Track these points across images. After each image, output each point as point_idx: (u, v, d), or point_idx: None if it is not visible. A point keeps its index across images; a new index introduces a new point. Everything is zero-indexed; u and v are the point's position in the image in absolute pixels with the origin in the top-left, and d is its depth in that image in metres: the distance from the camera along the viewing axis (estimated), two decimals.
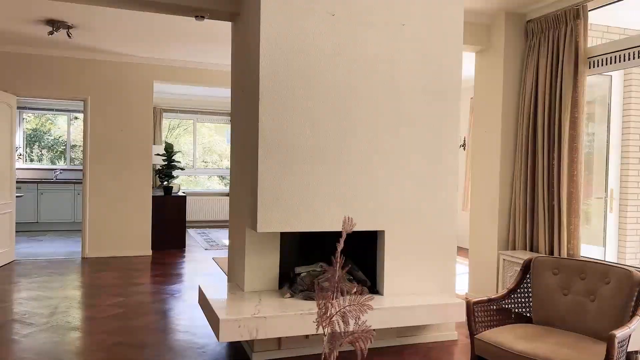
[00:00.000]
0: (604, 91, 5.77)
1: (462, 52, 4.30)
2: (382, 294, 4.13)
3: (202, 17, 4.41)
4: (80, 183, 10.14)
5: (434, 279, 4.27)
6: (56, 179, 10.43)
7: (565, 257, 4.58)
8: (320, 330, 1.89)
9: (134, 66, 7.63)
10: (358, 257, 4.44)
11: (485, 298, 3.05)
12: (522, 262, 4.68)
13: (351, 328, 1.71)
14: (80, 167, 10.94)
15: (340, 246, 1.89)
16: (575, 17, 4.60)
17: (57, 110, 10.72)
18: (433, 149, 4.22)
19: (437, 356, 3.92)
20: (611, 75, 5.68)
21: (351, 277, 4.19)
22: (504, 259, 4.99)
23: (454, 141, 4.29)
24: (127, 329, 4.37)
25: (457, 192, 4.31)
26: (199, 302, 4.35)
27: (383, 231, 4.11)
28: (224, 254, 8.02)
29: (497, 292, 5.13)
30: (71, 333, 4.25)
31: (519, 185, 5.10)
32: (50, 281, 6.01)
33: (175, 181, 9.35)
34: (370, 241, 4.36)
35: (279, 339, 3.79)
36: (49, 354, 3.78)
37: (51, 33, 5.90)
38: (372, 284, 4.25)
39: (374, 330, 1.71)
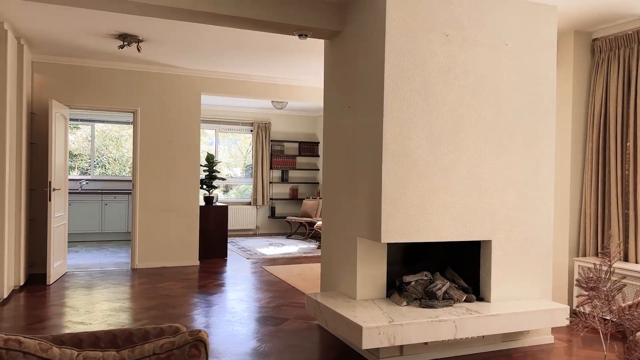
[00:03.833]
0: None
1: (555, 69, 4.55)
2: (488, 301, 4.32)
3: (305, 36, 4.56)
4: (108, 194, 10.16)
5: (533, 286, 4.48)
6: (82, 190, 10.37)
7: None
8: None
9: (183, 78, 7.71)
10: (456, 265, 4.64)
11: (633, 302, 3.28)
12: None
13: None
14: (106, 178, 10.94)
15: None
16: None
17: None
18: (532, 162, 4.45)
19: (547, 357, 4.13)
20: None
21: (456, 285, 4.38)
22: (579, 265, 5.24)
23: (550, 154, 4.53)
24: (239, 336, 4.46)
25: (553, 203, 4.54)
26: (308, 311, 4.47)
27: (489, 240, 4.31)
28: (267, 263, 8.12)
29: (572, 296, 5.38)
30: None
31: (589, 194, 5.37)
32: (119, 292, 6.03)
33: (215, 191, 9.41)
34: (466, 250, 4.56)
35: (401, 345, 3.95)
36: None
37: (122, 47, 5.96)
38: (473, 291, 4.44)
39: None
